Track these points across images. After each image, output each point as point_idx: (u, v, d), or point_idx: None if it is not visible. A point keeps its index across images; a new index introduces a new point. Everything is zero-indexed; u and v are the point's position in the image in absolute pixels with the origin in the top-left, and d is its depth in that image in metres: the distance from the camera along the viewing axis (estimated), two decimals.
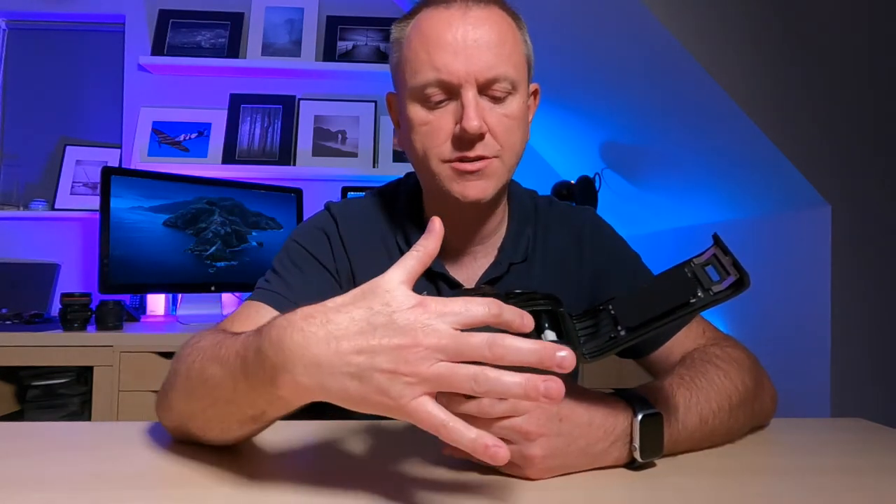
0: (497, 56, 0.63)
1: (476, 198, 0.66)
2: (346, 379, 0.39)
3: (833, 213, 1.30)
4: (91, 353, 1.55)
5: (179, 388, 0.53)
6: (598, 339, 0.48)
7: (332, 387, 0.39)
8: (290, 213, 2.07)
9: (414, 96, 0.65)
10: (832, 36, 1.30)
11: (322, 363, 0.39)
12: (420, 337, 0.38)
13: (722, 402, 0.56)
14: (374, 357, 0.38)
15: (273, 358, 0.41)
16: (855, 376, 1.29)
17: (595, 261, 0.78)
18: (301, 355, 0.40)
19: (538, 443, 0.47)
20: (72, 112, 2.25)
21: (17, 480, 0.48)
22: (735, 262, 0.43)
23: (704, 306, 0.44)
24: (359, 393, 0.39)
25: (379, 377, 0.38)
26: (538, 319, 0.47)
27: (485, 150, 0.65)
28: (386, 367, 0.38)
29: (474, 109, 0.62)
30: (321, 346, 0.39)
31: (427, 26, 0.64)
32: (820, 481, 0.51)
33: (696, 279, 0.45)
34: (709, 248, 0.46)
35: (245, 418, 0.48)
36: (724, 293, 0.43)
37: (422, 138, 0.66)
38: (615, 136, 1.87)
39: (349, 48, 2.24)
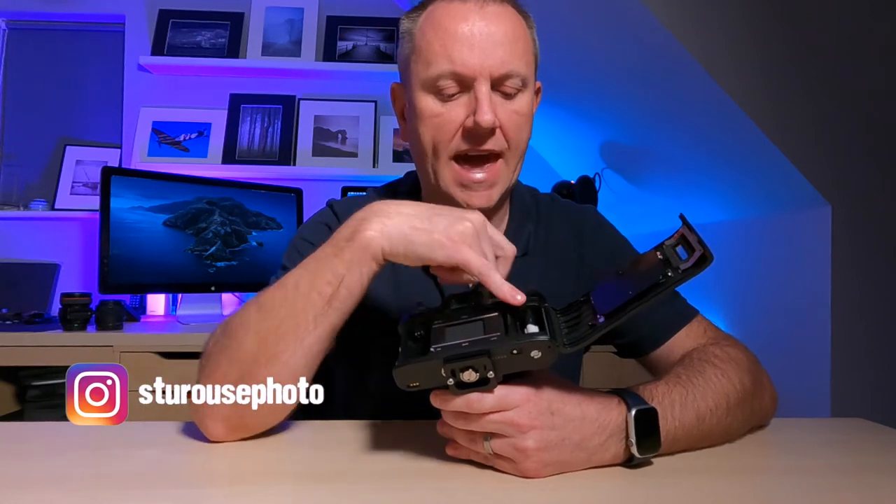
0: (511, 52, 0.64)
1: (481, 206, 0.67)
2: (419, 222, 0.52)
3: (833, 213, 1.30)
4: (91, 353, 1.55)
5: (251, 318, 0.56)
6: (579, 330, 0.50)
7: (405, 227, 0.52)
8: (290, 213, 2.07)
9: (426, 87, 0.65)
10: (832, 36, 1.30)
11: (403, 212, 0.53)
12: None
13: (719, 401, 0.56)
14: (440, 214, 0.53)
15: (363, 211, 0.54)
16: (855, 376, 1.29)
17: (595, 257, 0.78)
18: (387, 207, 0.54)
19: (530, 435, 0.47)
20: (72, 112, 2.25)
21: (17, 480, 0.48)
22: (699, 239, 0.45)
23: (674, 283, 0.46)
24: (427, 234, 0.51)
25: (444, 222, 0.52)
26: (522, 315, 0.49)
27: (494, 145, 0.65)
28: (449, 219, 0.52)
29: (488, 103, 0.63)
30: (403, 205, 0.54)
31: (443, 18, 0.64)
32: (820, 481, 0.51)
33: (665, 260, 0.47)
34: (678, 229, 0.48)
35: (321, 305, 0.54)
36: (690, 270, 0.45)
37: (431, 130, 0.66)
38: (615, 136, 1.87)
39: (349, 48, 2.24)
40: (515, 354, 0.47)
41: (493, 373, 0.47)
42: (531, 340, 0.46)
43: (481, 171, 0.66)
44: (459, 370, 0.47)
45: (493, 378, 0.47)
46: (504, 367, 0.47)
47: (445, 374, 0.47)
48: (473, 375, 0.47)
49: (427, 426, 0.65)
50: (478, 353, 0.46)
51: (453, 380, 0.47)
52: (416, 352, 0.49)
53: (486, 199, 0.67)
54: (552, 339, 0.47)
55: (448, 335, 0.49)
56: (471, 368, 0.47)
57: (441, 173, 0.67)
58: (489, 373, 0.47)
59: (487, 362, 0.46)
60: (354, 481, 0.49)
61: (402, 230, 0.52)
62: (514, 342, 0.47)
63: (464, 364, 0.47)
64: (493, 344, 0.47)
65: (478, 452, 0.50)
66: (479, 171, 0.66)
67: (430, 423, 0.65)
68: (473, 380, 0.47)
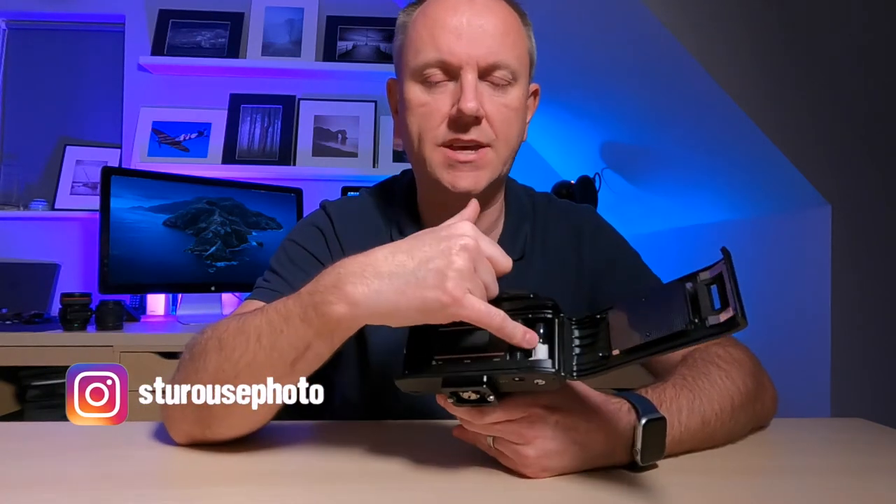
0: (500, 44, 0.64)
1: (467, 188, 0.65)
2: (402, 283, 0.44)
3: (833, 213, 1.29)
4: (91, 353, 1.55)
5: (211, 350, 0.52)
6: (591, 355, 0.46)
7: (387, 292, 0.44)
8: (290, 213, 2.07)
9: (414, 76, 0.66)
10: (832, 36, 1.29)
11: (381, 271, 0.45)
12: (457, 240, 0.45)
13: (724, 404, 0.56)
14: (426, 256, 0.44)
15: (330, 276, 0.46)
16: (855, 376, 1.29)
17: (594, 259, 0.77)
18: (361, 269, 0.45)
19: (533, 444, 0.47)
20: (72, 112, 2.25)
21: (18, 480, 0.48)
22: (737, 291, 0.40)
23: (698, 338, 0.40)
24: (415, 294, 0.43)
25: (434, 264, 0.44)
26: (534, 329, 0.46)
27: (479, 136, 0.64)
28: (439, 259, 0.44)
29: (472, 91, 0.62)
30: (378, 260, 0.45)
31: (433, 10, 0.65)
32: (820, 481, 0.51)
33: (695, 300, 0.42)
34: (717, 263, 0.42)
35: (283, 367, 0.49)
36: (717, 328, 0.40)
37: (418, 119, 0.66)
38: (615, 136, 1.87)
39: (349, 48, 2.24)
40: (518, 381, 0.45)
41: (493, 397, 0.45)
42: (536, 370, 0.44)
43: (469, 152, 0.65)
44: (460, 391, 0.46)
45: (494, 400, 0.46)
46: (505, 389, 0.46)
47: (445, 392, 0.46)
48: (474, 395, 0.46)
49: (427, 426, 0.65)
50: (477, 380, 0.44)
51: (453, 399, 0.47)
52: (419, 361, 0.48)
53: (474, 181, 0.65)
54: (558, 371, 0.44)
55: (451, 343, 0.47)
56: (471, 391, 0.45)
57: (429, 157, 0.66)
58: (489, 397, 0.45)
59: (487, 391, 0.45)
60: (354, 481, 0.49)
61: (383, 298, 0.44)
62: (517, 370, 0.44)
63: (463, 389, 0.45)
64: (496, 367, 0.45)
65: (482, 441, 0.51)
66: (466, 153, 0.65)
67: (431, 424, 0.65)
68: (474, 398, 0.46)
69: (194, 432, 0.55)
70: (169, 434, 0.56)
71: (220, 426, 0.53)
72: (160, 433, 0.60)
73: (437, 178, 0.66)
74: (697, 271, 0.43)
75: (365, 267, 0.45)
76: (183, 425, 0.55)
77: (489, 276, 0.46)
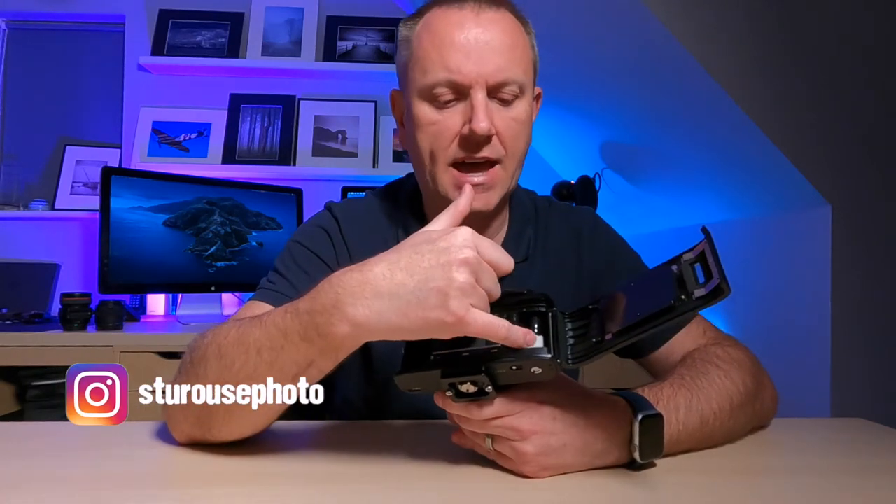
0: (508, 60, 0.64)
1: (479, 210, 0.66)
2: (403, 304, 0.43)
3: (833, 213, 1.29)
4: (91, 353, 1.55)
5: (211, 357, 0.51)
6: (585, 343, 0.48)
7: (389, 314, 0.43)
8: (290, 213, 2.07)
9: (422, 95, 0.65)
10: (832, 36, 1.29)
11: (381, 291, 0.43)
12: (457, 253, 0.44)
13: (723, 403, 0.56)
14: (425, 267, 0.43)
15: (328, 296, 0.45)
16: (855, 376, 1.29)
17: (595, 260, 0.78)
18: (360, 288, 0.44)
19: (531, 440, 0.47)
20: (72, 112, 2.25)
21: (18, 480, 0.48)
22: (718, 263, 0.42)
23: (686, 311, 0.43)
24: (417, 315, 0.43)
25: (434, 278, 0.43)
26: (528, 322, 0.48)
27: (490, 153, 0.65)
28: (440, 269, 0.43)
29: (484, 111, 0.62)
30: (377, 278, 0.44)
31: (438, 26, 0.64)
32: (820, 481, 0.51)
33: (681, 280, 0.44)
34: (699, 243, 0.45)
35: (283, 381, 0.49)
36: (704, 298, 0.42)
37: (429, 138, 0.66)
38: (615, 136, 1.87)
39: (349, 48, 2.24)
40: (515, 370, 0.46)
41: (492, 388, 0.46)
42: (532, 357, 0.45)
43: (479, 174, 0.66)
44: (458, 383, 0.46)
45: (492, 391, 0.46)
46: (503, 380, 0.47)
47: (443, 385, 0.47)
48: (472, 388, 0.46)
49: (427, 426, 0.65)
50: (475, 368, 0.45)
51: (451, 392, 0.47)
52: (417, 357, 0.48)
53: (485, 202, 0.67)
54: (554, 357, 0.46)
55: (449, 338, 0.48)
56: (469, 382, 0.46)
57: (440, 178, 0.67)
58: (487, 387, 0.46)
59: (485, 379, 0.46)
60: (355, 481, 0.49)
61: (384, 319, 0.44)
62: (515, 358, 0.45)
63: (461, 379, 0.46)
64: (493, 357, 0.46)
65: (480, 445, 0.50)
66: (476, 174, 0.66)
67: (430, 423, 0.65)
68: (472, 391, 0.47)
69: (195, 434, 0.55)
70: (171, 434, 0.57)
71: (221, 428, 0.53)
72: (160, 433, 0.60)
73: (449, 199, 0.67)
74: (681, 253, 0.46)
75: (363, 286, 0.44)
76: (184, 426, 0.55)
77: (491, 283, 0.46)
